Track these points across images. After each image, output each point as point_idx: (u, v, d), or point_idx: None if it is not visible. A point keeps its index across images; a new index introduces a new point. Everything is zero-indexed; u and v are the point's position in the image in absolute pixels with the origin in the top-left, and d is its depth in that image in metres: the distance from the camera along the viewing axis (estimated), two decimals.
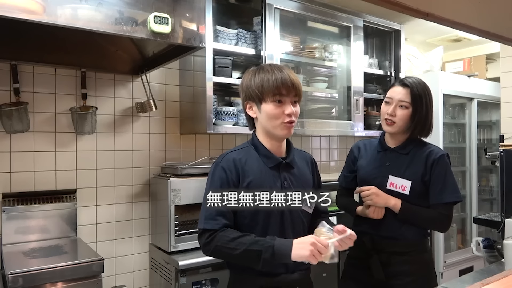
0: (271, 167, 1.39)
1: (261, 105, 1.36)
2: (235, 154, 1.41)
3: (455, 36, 3.87)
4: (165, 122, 2.61)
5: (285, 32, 2.74)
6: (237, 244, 1.28)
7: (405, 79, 1.75)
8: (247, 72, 1.44)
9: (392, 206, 1.68)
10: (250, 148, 1.44)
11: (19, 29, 1.72)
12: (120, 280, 2.43)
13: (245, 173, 1.36)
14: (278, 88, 1.33)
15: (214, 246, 1.30)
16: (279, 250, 1.26)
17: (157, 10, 1.62)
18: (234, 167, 1.36)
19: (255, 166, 1.38)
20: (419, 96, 1.69)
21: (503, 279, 1.55)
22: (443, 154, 1.73)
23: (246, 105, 1.42)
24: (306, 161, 1.53)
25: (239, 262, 1.35)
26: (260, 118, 1.39)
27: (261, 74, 1.37)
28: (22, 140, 2.15)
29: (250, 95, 1.38)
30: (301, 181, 1.45)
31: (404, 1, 1.10)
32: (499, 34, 1.47)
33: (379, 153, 1.82)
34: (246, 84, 1.40)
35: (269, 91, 1.34)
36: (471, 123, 3.94)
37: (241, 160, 1.38)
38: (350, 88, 3.04)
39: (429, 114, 1.73)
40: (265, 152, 1.41)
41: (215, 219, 1.31)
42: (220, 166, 1.37)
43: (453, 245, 3.79)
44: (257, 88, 1.35)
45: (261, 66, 1.43)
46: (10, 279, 1.60)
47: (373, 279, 1.73)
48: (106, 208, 2.41)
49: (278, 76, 1.34)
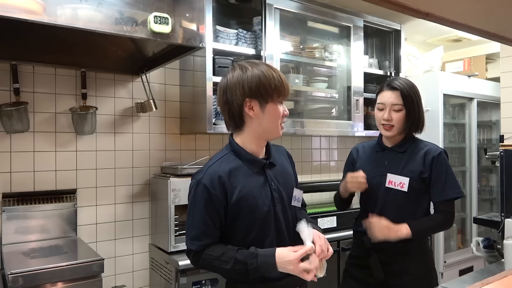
0: (256, 171, 1.35)
1: (266, 105, 1.30)
2: (216, 166, 1.32)
3: (455, 36, 3.87)
4: (165, 122, 2.61)
5: (285, 32, 2.73)
6: (222, 263, 1.28)
7: (392, 82, 1.76)
8: (235, 69, 1.33)
9: (405, 236, 1.64)
10: (229, 155, 1.36)
11: (19, 29, 1.72)
12: (120, 280, 2.43)
13: (232, 185, 1.30)
14: (284, 89, 1.32)
15: (201, 265, 1.33)
16: (263, 265, 1.25)
17: (157, 10, 1.62)
18: (219, 183, 1.28)
19: (241, 174, 1.32)
20: (409, 96, 1.72)
21: (503, 279, 1.56)
22: (441, 151, 1.75)
23: (246, 103, 1.29)
24: (284, 155, 1.52)
25: (229, 276, 1.38)
26: (261, 118, 1.31)
27: (260, 72, 1.30)
28: (22, 140, 2.15)
29: (255, 93, 1.29)
30: (285, 177, 1.43)
31: (404, 1, 1.10)
32: (499, 34, 1.47)
33: (377, 153, 1.84)
34: (248, 80, 1.28)
35: (277, 91, 1.31)
36: (471, 123, 3.94)
37: (225, 172, 1.30)
38: (350, 88, 3.04)
39: (421, 111, 1.77)
40: (247, 157, 1.35)
41: (200, 239, 1.31)
42: (202, 184, 1.29)
43: (453, 245, 3.79)
44: (267, 87, 1.29)
45: (243, 64, 1.33)
46: (10, 279, 1.60)
47: (373, 279, 1.73)
48: (106, 208, 2.41)
49: (276, 75, 1.31)
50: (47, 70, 2.23)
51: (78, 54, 2.21)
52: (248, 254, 1.27)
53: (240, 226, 1.33)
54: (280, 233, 1.37)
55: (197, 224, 1.30)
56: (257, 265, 1.25)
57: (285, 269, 1.25)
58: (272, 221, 1.35)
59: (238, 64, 1.35)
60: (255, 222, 1.32)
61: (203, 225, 1.30)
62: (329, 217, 2.75)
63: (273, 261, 1.25)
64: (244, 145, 1.36)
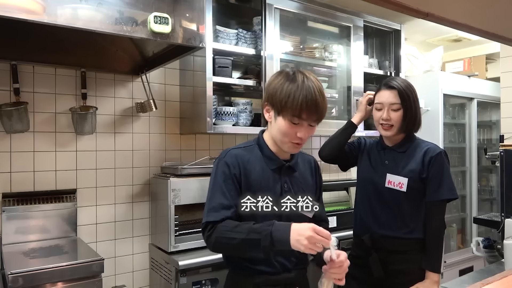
0: (273, 169, 1.39)
1: (277, 117, 1.32)
2: (239, 151, 1.40)
3: (455, 36, 3.88)
4: (165, 122, 2.61)
5: (285, 32, 2.73)
6: (236, 233, 1.25)
7: (389, 82, 1.77)
8: (280, 74, 1.36)
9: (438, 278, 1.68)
10: (255, 147, 1.42)
11: (19, 29, 1.72)
12: (120, 280, 2.43)
13: (246, 171, 1.35)
14: (300, 110, 1.26)
15: (215, 238, 1.28)
16: (277, 237, 1.20)
17: (157, 10, 1.62)
18: (237, 163, 1.35)
19: (257, 166, 1.38)
20: (407, 95, 1.73)
21: (503, 279, 1.56)
22: (440, 151, 1.75)
23: (265, 106, 1.37)
24: (309, 164, 1.51)
25: (240, 253, 1.33)
26: (273, 126, 1.36)
27: (290, 85, 1.28)
28: (22, 140, 2.15)
29: (271, 101, 1.33)
30: (302, 185, 1.43)
31: (404, 1, 1.10)
32: (499, 34, 1.47)
33: (378, 152, 1.85)
34: (274, 88, 1.33)
35: (290, 110, 1.28)
36: (471, 123, 3.94)
37: (244, 158, 1.37)
38: (350, 88, 3.04)
39: (418, 110, 1.78)
40: (268, 154, 1.40)
41: (218, 211, 1.31)
42: (224, 161, 1.36)
43: (453, 245, 3.79)
44: (279, 101, 1.29)
45: (295, 73, 1.32)
46: (10, 279, 1.60)
47: (373, 278, 1.74)
48: (106, 208, 2.41)
49: (305, 94, 1.26)
50: (47, 70, 2.23)
51: (78, 54, 2.21)
52: (265, 223, 1.25)
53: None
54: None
55: (216, 198, 1.33)
56: (271, 231, 1.21)
57: (298, 241, 1.17)
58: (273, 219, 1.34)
59: (291, 68, 1.39)
60: (256, 216, 1.32)
61: (221, 198, 1.32)
62: (329, 217, 2.73)
63: (288, 228, 1.20)
64: (268, 143, 1.42)
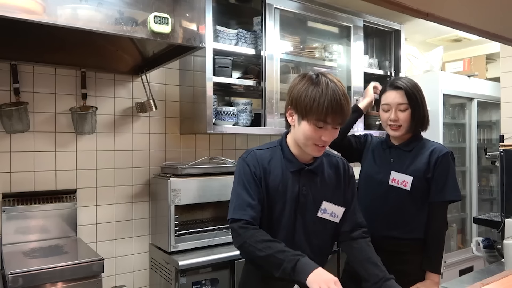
0: (292, 172, 1.39)
1: (302, 121, 1.31)
2: (260, 152, 1.42)
3: (455, 36, 3.87)
4: (165, 122, 2.61)
5: (285, 32, 2.73)
6: (265, 247, 1.28)
7: (395, 82, 1.76)
8: (303, 78, 1.34)
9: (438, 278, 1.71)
10: (277, 148, 1.44)
11: (19, 29, 1.72)
12: (120, 280, 2.43)
13: (266, 171, 1.38)
14: (325, 115, 1.26)
15: (243, 242, 1.31)
16: (301, 267, 1.22)
17: (157, 10, 1.62)
18: (258, 163, 1.38)
19: (278, 167, 1.40)
20: (413, 95, 1.72)
21: (503, 279, 1.55)
22: (447, 152, 1.74)
23: (288, 110, 1.37)
24: (336, 167, 1.48)
25: (261, 263, 1.35)
26: (296, 130, 1.35)
27: (315, 89, 1.27)
28: (22, 140, 2.15)
29: (295, 105, 1.32)
30: (324, 189, 1.42)
31: (404, 1, 1.10)
32: (499, 34, 1.47)
33: (384, 151, 1.84)
34: (298, 92, 1.31)
35: (315, 115, 1.27)
36: (471, 123, 3.94)
37: (265, 159, 1.40)
38: (350, 88, 3.03)
39: (425, 109, 1.77)
40: (289, 156, 1.41)
41: (244, 209, 1.33)
42: (245, 162, 1.40)
43: (453, 245, 3.79)
44: (304, 105, 1.28)
45: (319, 76, 1.31)
46: (10, 279, 1.60)
47: None
48: (106, 208, 2.41)
49: (330, 99, 1.25)
50: (47, 70, 2.23)
51: (78, 54, 2.21)
52: (297, 252, 1.28)
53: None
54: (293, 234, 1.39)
55: (242, 196, 1.35)
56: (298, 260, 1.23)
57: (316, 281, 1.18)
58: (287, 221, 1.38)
59: (314, 71, 1.35)
60: (272, 218, 1.37)
61: (245, 196, 1.35)
62: None
63: (312, 267, 1.22)
64: (290, 145, 1.42)
